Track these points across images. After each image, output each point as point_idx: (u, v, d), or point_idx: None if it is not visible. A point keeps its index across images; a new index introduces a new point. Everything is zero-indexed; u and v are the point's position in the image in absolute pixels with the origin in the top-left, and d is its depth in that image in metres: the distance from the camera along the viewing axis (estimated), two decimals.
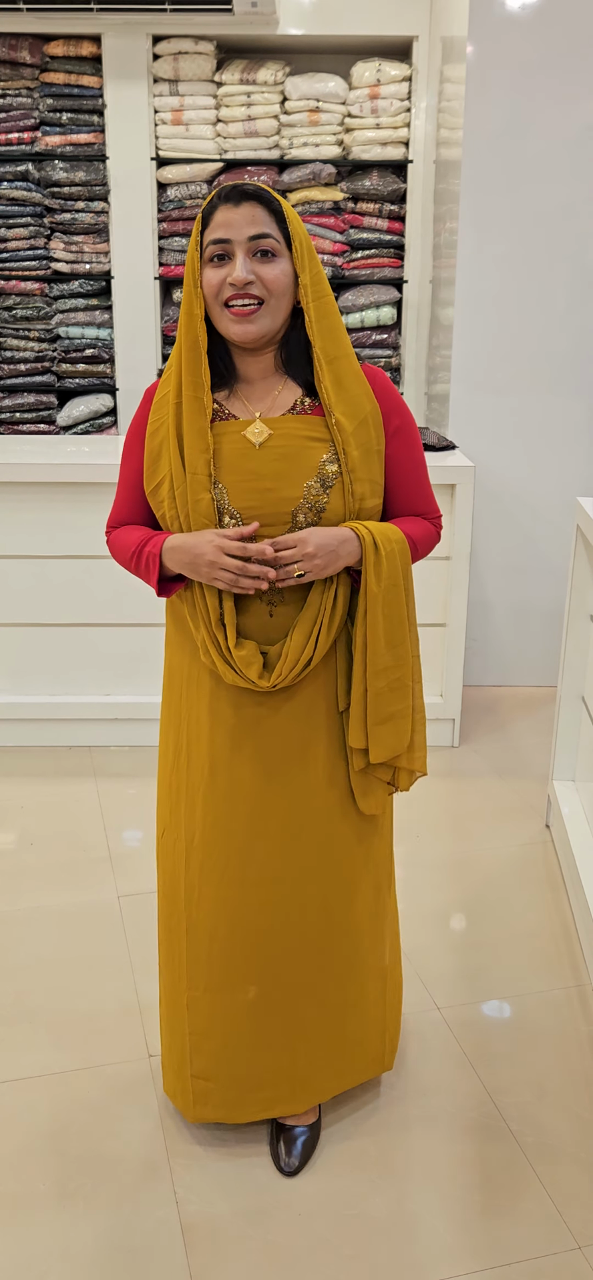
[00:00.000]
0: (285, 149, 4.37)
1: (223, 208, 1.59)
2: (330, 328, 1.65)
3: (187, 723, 1.77)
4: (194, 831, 1.77)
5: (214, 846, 1.76)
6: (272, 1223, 1.77)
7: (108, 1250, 1.72)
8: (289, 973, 1.80)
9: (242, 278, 1.57)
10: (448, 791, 3.28)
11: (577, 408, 3.80)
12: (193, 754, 1.77)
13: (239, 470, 1.62)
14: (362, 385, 1.68)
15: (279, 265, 1.60)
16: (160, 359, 4.61)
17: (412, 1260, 1.71)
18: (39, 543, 3.36)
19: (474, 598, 3.89)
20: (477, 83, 3.54)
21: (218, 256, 1.59)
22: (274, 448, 1.63)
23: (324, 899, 1.79)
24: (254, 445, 1.63)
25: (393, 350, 4.56)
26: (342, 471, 1.63)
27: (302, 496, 1.62)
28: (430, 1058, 2.14)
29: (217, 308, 1.61)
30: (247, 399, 1.68)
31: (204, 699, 1.73)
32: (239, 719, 1.71)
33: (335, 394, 1.64)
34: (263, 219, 1.59)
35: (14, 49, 4.22)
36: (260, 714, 1.71)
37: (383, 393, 1.71)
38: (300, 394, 1.68)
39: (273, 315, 1.62)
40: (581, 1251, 1.72)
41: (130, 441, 1.75)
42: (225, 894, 1.77)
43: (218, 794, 1.74)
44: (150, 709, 3.46)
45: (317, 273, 1.64)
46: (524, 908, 2.66)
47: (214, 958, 1.79)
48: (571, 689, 2.94)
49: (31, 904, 2.64)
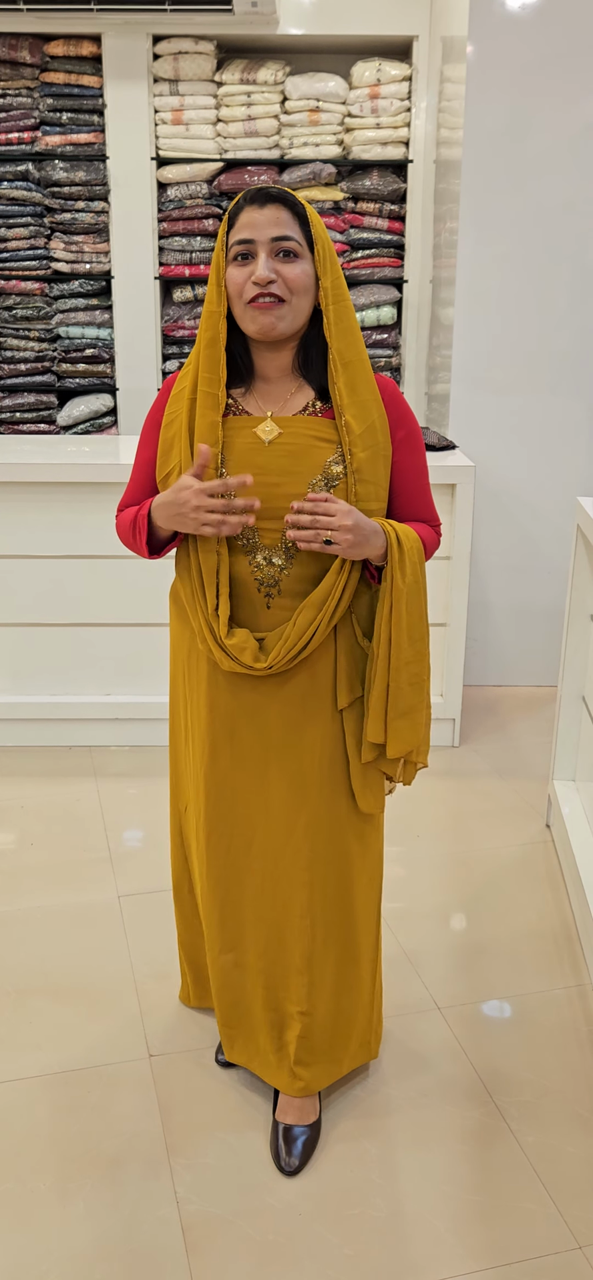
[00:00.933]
0: (285, 149, 4.38)
1: (248, 209, 1.65)
2: (348, 330, 1.70)
3: (189, 706, 1.87)
4: (201, 809, 1.86)
5: (217, 826, 1.85)
6: (272, 1223, 1.77)
7: (108, 1250, 1.72)
8: (287, 946, 1.88)
9: (264, 276, 1.62)
10: (448, 791, 3.28)
11: (577, 408, 3.80)
12: (195, 737, 1.86)
13: (247, 465, 1.67)
14: (373, 392, 1.73)
15: (300, 265, 1.65)
16: (160, 359, 4.61)
17: (412, 1260, 1.71)
18: (39, 543, 3.36)
19: (474, 598, 3.89)
20: (477, 83, 3.54)
21: (242, 256, 1.65)
22: (282, 445, 1.68)
23: (322, 883, 1.84)
24: (264, 442, 1.69)
25: (393, 350, 4.56)
26: (346, 473, 1.68)
27: (305, 494, 1.66)
28: (431, 1058, 2.14)
29: (239, 305, 1.66)
30: (261, 397, 1.74)
31: (202, 685, 1.80)
32: (236, 705, 1.77)
33: (348, 396, 1.68)
34: (286, 221, 1.64)
35: (14, 49, 4.22)
36: (256, 701, 1.76)
37: (392, 401, 1.76)
38: (313, 396, 1.73)
39: (294, 313, 1.67)
40: (581, 1251, 1.72)
41: (147, 429, 1.81)
42: (229, 872, 1.87)
43: (218, 777, 1.82)
44: (150, 709, 3.47)
45: (337, 277, 1.69)
46: (524, 908, 2.66)
47: (226, 922, 1.90)
48: (571, 689, 2.94)
49: (31, 904, 2.64)
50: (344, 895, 1.87)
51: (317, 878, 1.84)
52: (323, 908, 1.86)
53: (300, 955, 1.87)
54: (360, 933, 1.92)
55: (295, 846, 1.82)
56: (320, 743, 1.78)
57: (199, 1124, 1.96)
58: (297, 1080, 1.92)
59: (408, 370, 4.58)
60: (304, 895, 1.84)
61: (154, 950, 2.46)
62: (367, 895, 1.92)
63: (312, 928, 1.85)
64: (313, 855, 1.83)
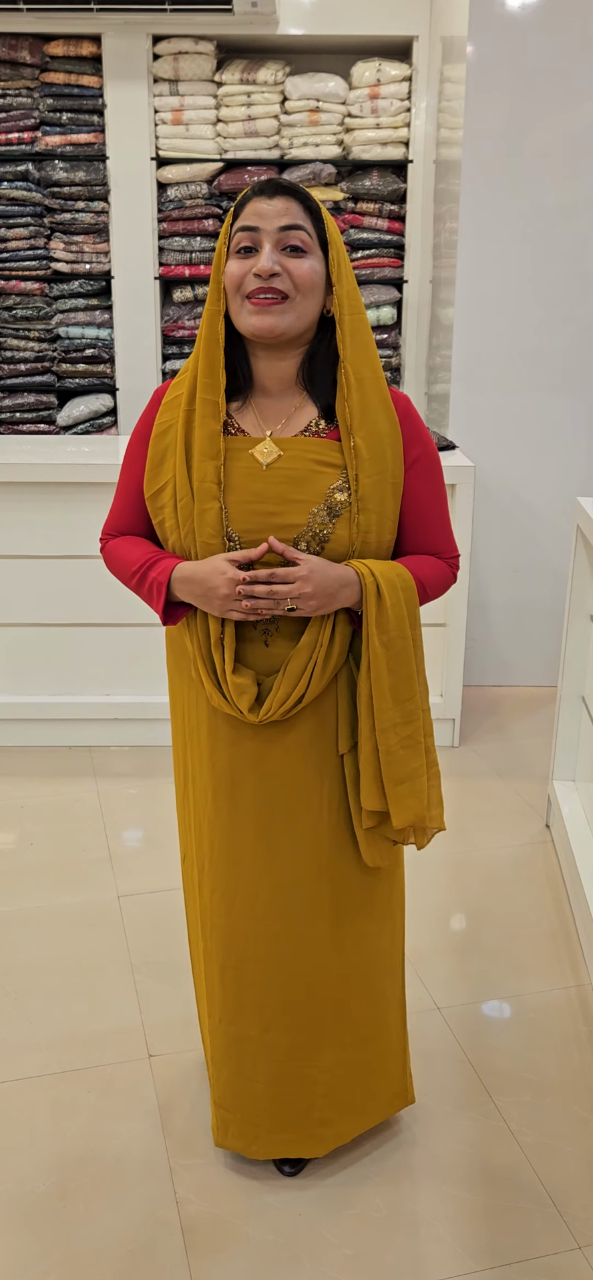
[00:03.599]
0: (285, 149, 4.38)
1: (256, 200, 1.50)
2: (364, 344, 1.56)
3: (191, 751, 1.72)
4: (204, 860, 1.72)
5: (221, 878, 1.69)
6: (272, 1223, 1.77)
7: (108, 1250, 1.72)
8: (303, 1011, 1.73)
9: (267, 267, 1.47)
10: (448, 791, 3.25)
11: (577, 408, 3.80)
12: (197, 784, 1.71)
13: (242, 490, 1.53)
14: (387, 411, 1.58)
15: (308, 262, 1.50)
16: (160, 359, 4.61)
17: (412, 1260, 1.71)
18: (39, 543, 3.36)
19: (474, 598, 3.89)
20: (477, 83, 3.54)
21: (245, 248, 1.50)
22: (281, 469, 1.53)
23: (336, 936, 1.71)
24: (261, 466, 1.54)
25: (393, 350, 4.57)
26: (351, 501, 1.53)
27: (306, 524, 1.53)
28: (430, 1058, 2.14)
29: (237, 301, 1.52)
30: (260, 413, 1.59)
31: (203, 731, 1.66)
32: (237, 753, 1.63)
33: (359, 417, 1.53)
34: (296, 212, 1.50)
35: (14, 49, 4.22)
36: (258, 749, 1.62)
37: (406, 419, 1.60)
38: (317, 414, 1.58)
39: (298, 314, 1.51)
40: (581, 1251, 1.72)
41: (133, 445, 1.66)
42: (234, 925, 1.70)
43: (221, 826, 1.67)
44: (150, 709, 3.47)
45: (352, 286, 1.55)
46: (524, 908, 2.66)
47: (227, 988, 1.73)
48: (571, 689, 2.94)
49: (31, 904, 2.64)
50: (364, 949, 1.74)
51: (332, 934, 1.70)
52: (341, 964, 1.72)
53: (318, 1017, 1.73)
54: (385, 982, 1.79)
55: (306, 903, 1.68)
56: (328, 791, 1.64)
57: (199, 1124, 1.96)
58: (320, 1142, 1.81)
59: (408, 370, 4.58)
60: (319, 953, 1.70)
61: (154, 950, 2.46)
62: (391, 943, 1.79)
63: (330, 988, 1.72)
64: (326, 911, 1.68)
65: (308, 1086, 1.77)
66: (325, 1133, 1.81)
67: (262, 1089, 1.77)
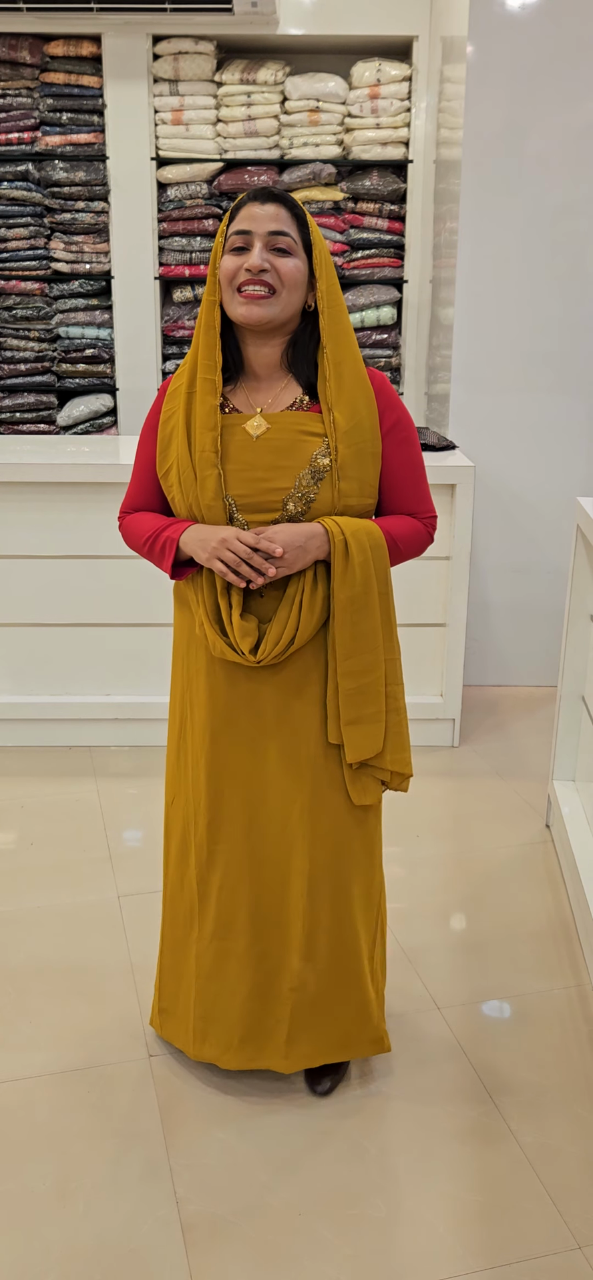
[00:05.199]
0: (285, 149, 4.38)
1: (249, 205, 1.72)
2: (342, 332, 1.76)
3: (189, 694, 1.89)
4: (200, 795, 1.88)
5: (218, 809, 1.87)
6: (272, 1223, 1.77)
7: (108, 1250, 1.72)
8: (283, 929, 1.91)
9: (256, 264, 1.68)
10: (448, 791, 3.28)
11: (577, 408, 3.80)
12: (195, 724, 1.88)
13: (237, 460, 1.73)
14: (363, 388, 1.77)
15: (293, 261, 1.71)
16: (160, 359, 4.61)
17: (412, 1260, 1.71)
18: (39, 543, 3.36)
19: (474, 598, 3.89)
20: (477, 83, 3.54)
21: (238, 247, 1.71)
22: (270, 440, 1.73)
23: (318, 864, 1.87)
24: (252, 437, 1.74)
25: (393, 350, 4.56)
26: (332, 466, 1.72)
27: (293, 486, 1.72)
28: (430, 1058, 2.14)
29: (229, 292, 1.72)
30: (250, 394, 1.79)
31: (201, 674, 1.84)
32: (234, 693, 1.81)
33: (337, 394, 1.73)
34: (284, 218, 1.71)
35: (14, 49, 4.22)
36: (253, 688, 1.80)
37: (381, 393, 1.79)
38: (300, 393, 1.78)
39: (283, 305, 1.72)
40: (581, 1251, 1.72)
41: (145, 432, 1.87)
42: (231, 851, 1.88)
43: (218, 760, 1.85)
44: (150, 709, 3.47)
45: (333, 282, 1.75)
46: (524, 908, 2.66)
47: (221, 907, 1.91)
48: (571, 689, 2.94)
49: (31, 904, 2.64)
50: (341, 879, 1.90)
51: (314, 861, 1.87)
52: (320, 890, 1.88)
53: (297, 935, 1.90)
54: (358, 918, 1.93)
55: (293, 830, 1.86)
56: (316, 728, 1.82)
57: (199, 1124, 1.96)
58: (287, 1059, 1.96)
59: (408, 370, 4.58)
60: (301, 878, 1.87)
61: (154, 950, 2.45)
62: (366, 881, 1.94)
63: (309, 909, 1.88)
64: (310, 838, 1.86)
65: (279, 1003, 1.94)
66: (292, 1051, 1.96)
67: (242, 1001, 1.94)
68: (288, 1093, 2.04)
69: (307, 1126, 1.96)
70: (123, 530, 1.91)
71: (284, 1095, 2.03)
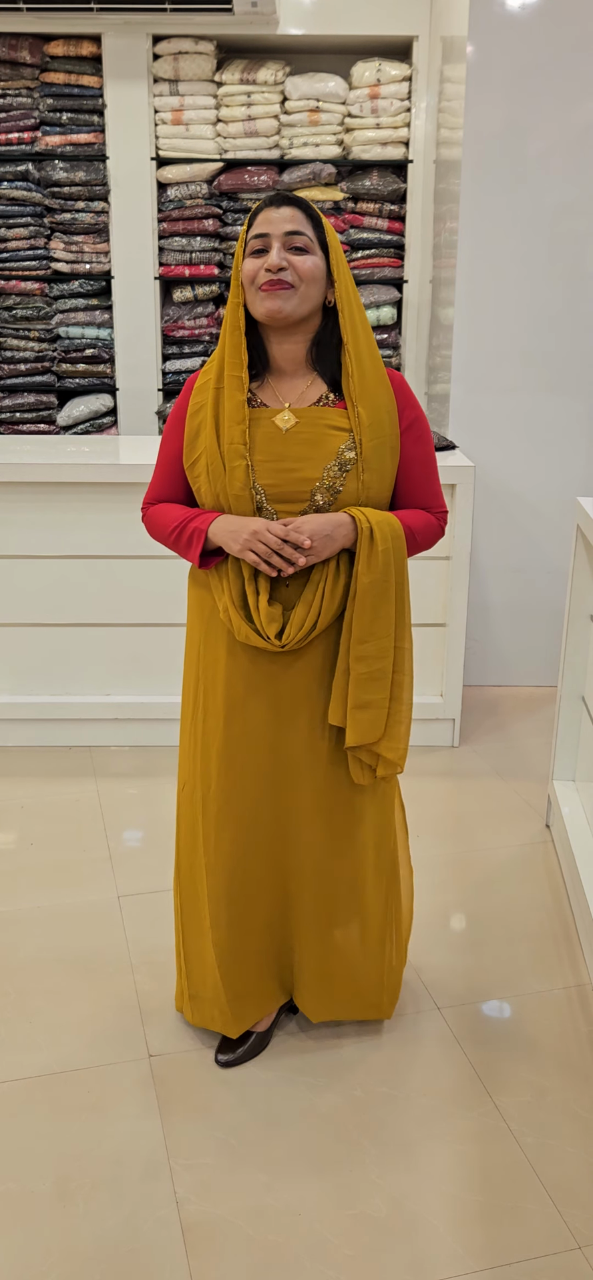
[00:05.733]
0: (285, 149, 4.38)
1: (267, 209, 1.81)
2: (361, 330, 1.84)
3: (204, 678, 1.94)
4: (210, 782, 1.95)
5: (228, 794, 1.93)
6: (272, 1223, 1.77)
7: (108, 1250, 1.72)
8: (295, 902, 2.01)
9: (275, 262, 1.76)
10: (448, 791, 3.28)
11: (577, 408, 3.80)
12: (209, 707, 1.93)
13: (266, 452, 1.80)
14: (384, 385, 1.85)
15: (311, 259, 1.79)
16: (160, 359, 4.62)
17: (412, 1260, 1.71)
18: (39, 543, 3.36)
19: (474, 598, 3.89)
20: (477, 83, 3.54)
21: (257, 250, 1.79)
22: (299, 433, 1.81)
23: (327, 842, 1.96)
24: (282, 431, 1.81)
25: (393, 350, 4.57)
26: (357, 459, 1.80)
27: (320, 478, 1.80)
28: (430, 1058, 2.14)
29: (251, 291, 1.80)
30: (277, 390, 1.87)
31: (221, 653, 1.90)
32: (254, 670, 1.87)
33: (360, 389, 1.81)
34: (300, 220, 1.80)
35: (14, 49, 4.22)
36: (272, 670, 1.87)
37: (399, 391, 1.88)
38: (326, 389, 1.85)
39: (301, 300, 1.79)
40: (581, 1251, 1.72)
41: (170, 425, 1.93)
42: (239, 835, 1.95)
43: (231, 743, 1.91)
44: (150, 709, 3.47)
45: (350, 281, 1.84)
46: (524, 908, 2.66)
47: (234, 894, 1.98)
48: (571, 689, 2.94)
49: (31, 904, 2.64)
50: (351, 858, 1.98)
51: (326, 838, 1.95)
52: (330, 865, 1.97)
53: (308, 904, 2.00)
54: (367, 893, 2.03)
55: (306, 805, 1.93)
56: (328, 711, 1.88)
57: (199, 1124, 1.96)
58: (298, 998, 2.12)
59: (408, 370, 4.58)
60: (313, 854, 1.96)
61: (154, 950, 2.46)
62: (376, 864, 2.03)
63: (320, 884, 1.98)
64: (323, 816, 1.94)
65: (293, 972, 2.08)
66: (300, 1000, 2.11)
67: (255, 968, 2.05)
68: (288, 1093, 2.04)
69: (307, 1127, 1.96)
70: (146, 521, 1.97)
71: (284, 1095, 2.03)
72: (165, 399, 4.64)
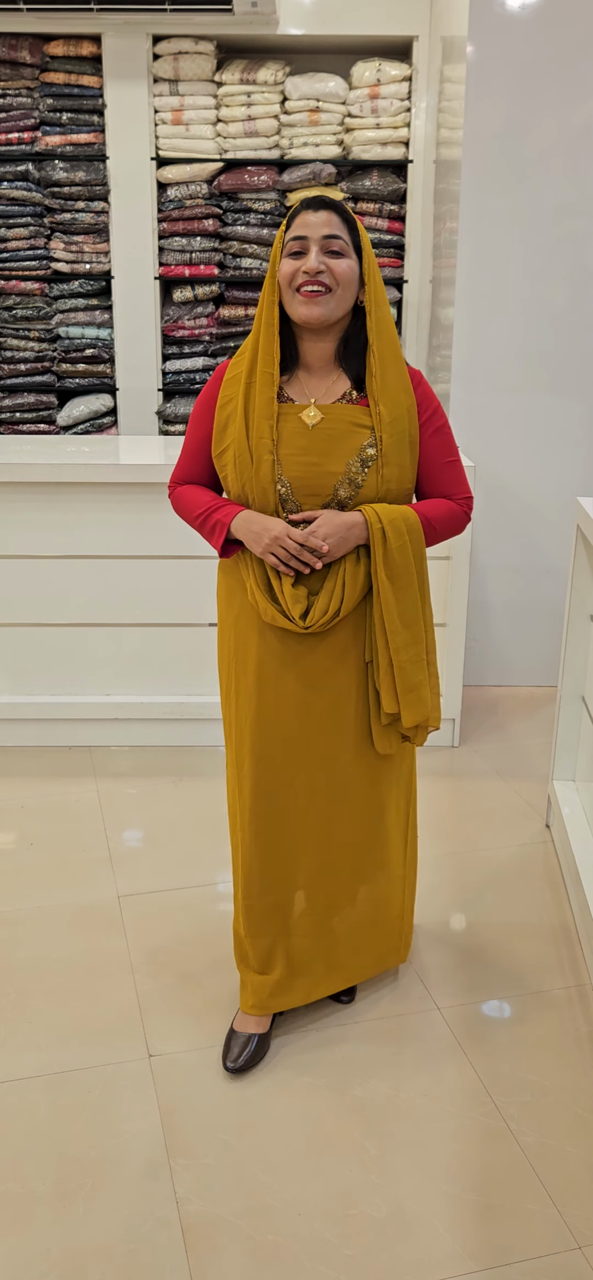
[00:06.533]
0: (285, 149, 4.38)
1: (304, 213, 1.88)
2: (387, 333, 1.92)
3: (235, 660, 2.03)
4: (244, 757, 2.04)
5: (262, 767, 2.02)
6: (272, 1223, 1.77)
7: (108, 1250, 1.72)
8: (329, 874, 2.10)
9: (314, 266, 1.84)
10: (448, 791, 3.28)
11: (577, 408, 3.80)
12: (241, 689, 2.03)
13: (292, 446, 1.89)
14: (405, 385, 1.94)
15: (346, 262, 1.87)
16: (160, 359, 4.62)
17: (412, 1260, 1.71)
18: (39, 543, 3.36)
19: (474, 598, 3.89)
20: (477, 83, 3.54)
21: (295, 252, 1.86)
22: (324, 429, 1.89)
23: (358, 811, 2.07)
24: (308, 426, 1.89)
25: None
26: (378, 455, 1.89)
27: (343, 472, 1.89)
28: (430, 1058, 2.14)
29: (289, 293, 1.88)
30: (305, 384, 1.94)
31: (252, 636, 1.98)
32: (284, 649, 1.96)
33: (381, 388, 1.90)
34: (337, 224, 1.87)
35: (14, 49, 4.22)
36: (302, 652, 1.96)
37: (418, 388, 1.97)
38: (350, 386, 1.93)
39: (338, 303, 1.87)
40: (581, 1251, 1.72)
41: (198, 411, 2.01)
42: (273, 810, 2.04)
43: (263, 722, 2.00)
44: (150, 709, 3.47)
45: (379, 285, 1.92)
46: (524, 908, 2.66)
47: (267, 865, 2.07)
48: (571, 689, 2.94)
49: (31, 904, 2.64)
50: (378, 821, 2.11)
51: (355, 809, 2.07)
52: (361, 834, 2.09)
53: (340, 879, 2.11)
54: (392, 853, 2.16)
55: (335, 781, 2.03)
56: (355, 688, 1.99)
57: (199, 1124, 1.96)
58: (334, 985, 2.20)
59: None
60: (344, 824, 2.07)
61: (154, 950, 2.46)
62: (397, 822, 2.16)
63: (352, 852, 2.09)
64: (350, 787, 2.05)
65: (330, 937, 2.16)
66: (336, 977, 2.19)
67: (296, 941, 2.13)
68: (288, 1093, 2.04)
69: (307, 1127, 1.96)
70: (173, 500, 2.07)
71: (284, 1095, 2.03)
72: (165, 399, 4.64)
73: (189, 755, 3.40)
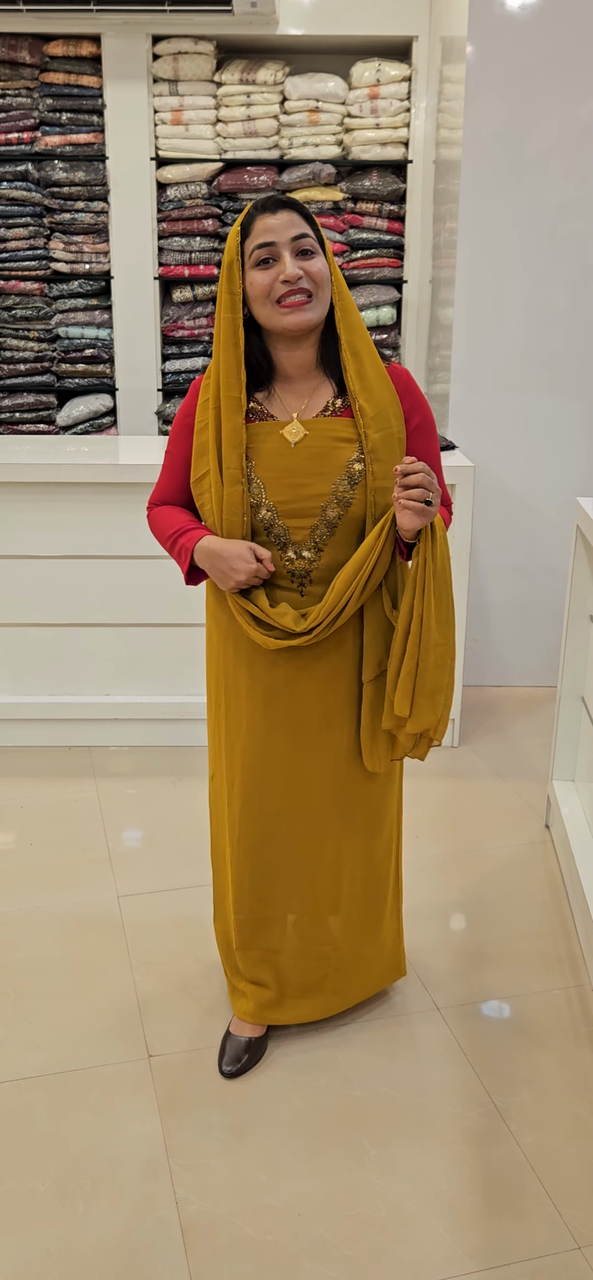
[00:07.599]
0: (285, 149, 4.38)
1: (262, 217, 1.76)
2: (355, 323, 1.83)
3: (225, 682, 1.97)
4: (234, 777, 1.99)
5: (252, 790, 1.97)
6: (272, 1223, 1.77)
7: (108, 1250, 1.72)
8: (319, 897, 2.05)
9: (294, 273, 1.73)
10: (448, 791, 3.28)
11: (577, 408, 3.80)
12: (231, 710, 1.97)
13: (276, 467, 1.79)
14: (382, 379, 1.84)
15: (319, 260, 1.77)
16: (160, 359, 4.61)
17: (412, 1260, 1.71)
18: (39, 543, 3.36)
19: (474, 598, 3.89)
20: (476, 83, 3.54)
21: (264, 260, 1.75)
22: (308, 447, 1.80)
23: (346, 833, 2.02)
24: (290, 444, 1.80)
25: (393, 350, 4.57)
26: (366, 465, 1.79)
27: (330, 492, 1.79)
28: (430, 1058, 2.14)
29: (267, 306, 1.77)
30: (285, 397, 1.85)
31: (242, 661, 1.92)
32: (273, 679, 1.90)
33: (359, 383, 1.80)
34: (300, 222, 1.76)
35: (14, 49, 4.22)
36: (292, 674, 1.89)
37: (407, 391, 1.87)
38: (333, 394, 1.84)
39: (321, 305, 1.78)
40: (581, 1251, 1.72)
41: (177, 431, 1.92)
42: (262, 831, 1.99)
43: (254, 746, 1.95)
44: (150, 709, 3.47)
45: (340, 277, 1.83)
46: (524, 908, 2.66)
47: (256, 885, 2.03)
48: (571, 689, 2.94)
49: (31, 904, 2.64)
50: (369, 844, 2.05)
51: (344, 831, 2.01)
52: (350, 856, 2.03)
53: (332, 900, 2.05)
54: (383, 872, 2.11)
55: (325, 804, 1.98)
56: (347, 711, 1.93)
57: (199, 1124, 1.96)
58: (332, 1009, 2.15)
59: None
60: (333, 847, 2.01)
61: (154, 950, 2.46)
62: (388, 840, 2.11)
63: (341, 876, 2.04)
64: (341, 811, 1.99)
65: (323, 961, 2.10)
66: (335, 1000, 2.15)
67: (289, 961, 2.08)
68: (288, 1093, 2.04)
69: (306, 1127, 1.96)
70: (150, 521, 1.98)
71: (284, 1095, 2.03)
72: (165, 399, 4.64)
73: (189, 755, 3.40)
